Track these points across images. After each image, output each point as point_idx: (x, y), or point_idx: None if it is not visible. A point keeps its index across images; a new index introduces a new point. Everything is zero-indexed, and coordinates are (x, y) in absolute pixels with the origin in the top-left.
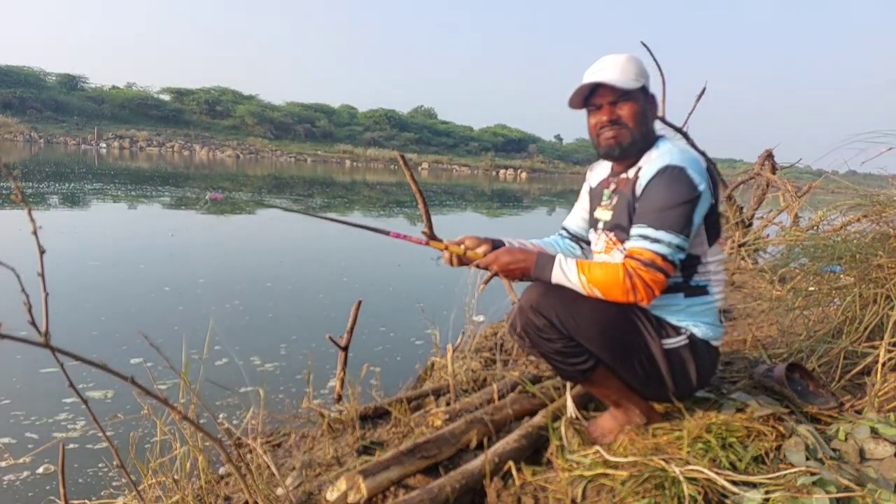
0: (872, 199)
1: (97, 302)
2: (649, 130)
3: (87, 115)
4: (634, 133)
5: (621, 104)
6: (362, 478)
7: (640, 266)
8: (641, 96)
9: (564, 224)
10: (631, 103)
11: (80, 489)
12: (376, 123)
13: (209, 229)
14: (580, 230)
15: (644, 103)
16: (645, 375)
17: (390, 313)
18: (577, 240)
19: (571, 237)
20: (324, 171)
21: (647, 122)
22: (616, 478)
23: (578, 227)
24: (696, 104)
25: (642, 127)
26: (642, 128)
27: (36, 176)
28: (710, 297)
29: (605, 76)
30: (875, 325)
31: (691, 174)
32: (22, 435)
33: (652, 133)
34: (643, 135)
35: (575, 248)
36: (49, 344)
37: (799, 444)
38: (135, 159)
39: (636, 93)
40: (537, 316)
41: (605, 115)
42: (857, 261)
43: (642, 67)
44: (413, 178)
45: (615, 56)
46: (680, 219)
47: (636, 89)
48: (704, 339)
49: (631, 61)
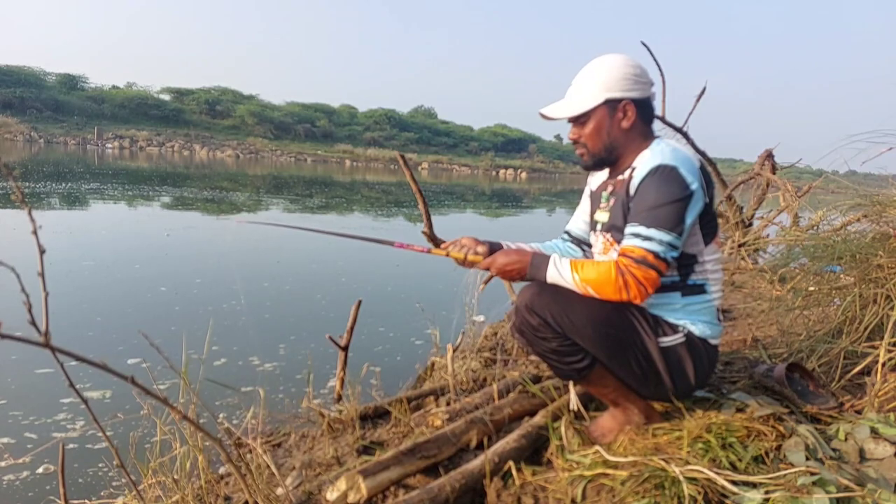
0: (872, 199)
1: (93, 302)
2: (617, 141)
3: (87, 114)
4: (593, 151)
5: (580, 125)
6: (362, 477)
7: (632, 263)
8: (604, 110)
9: (567, 228)
10: (588, 123)
11: (80, 489)
12: (376, 123)
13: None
14: (582, 233)
15: (607, 117)
16: (642, 374)
17: (389, 313)
18: (579, 243)
19: (573, 240)
20: (324, 170)
21: (612, 134)
22: (616, 478)
23: (580, 230)
24: (696, 104)
25: (604, 142)
26: (604, 143)
27: (34, 176)
28: (708, 295)
29: (554, 108)
30: (875, 324)
31: (683, 173)
32: (21, 435)
33: (630, 138)
34: (608, 149)
35: (576, 251)
36: (49, 344)
37: (799, 444)
38: (135, 159)
39: (594, 111)
40: (532, 315)
41: (570, 135)
42: (857, 261)
43: (614, 76)
44: (413, 178)
45: (587, 68)
46: (671, 217)
47: (593, 108)
48: (702, 337)
49: (598, 74)
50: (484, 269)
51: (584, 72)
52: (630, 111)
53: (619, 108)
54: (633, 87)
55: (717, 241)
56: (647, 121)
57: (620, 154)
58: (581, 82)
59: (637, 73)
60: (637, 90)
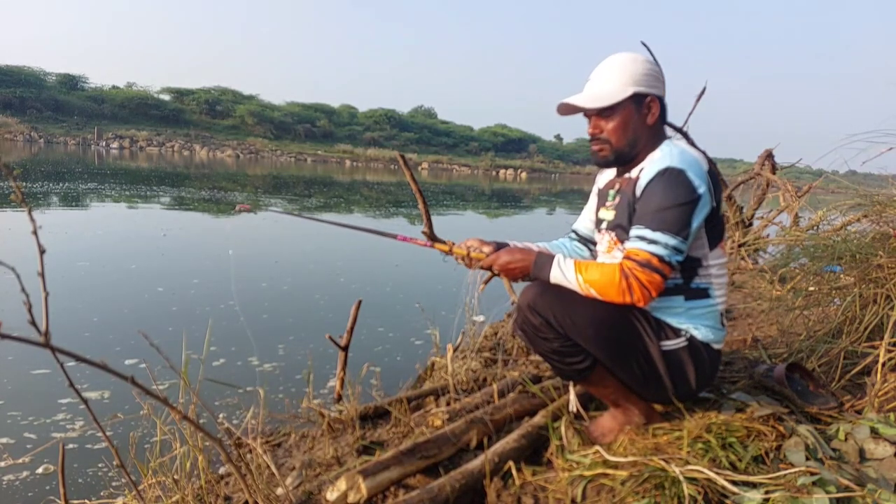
0: (872, 199)
1: (88, 303)
2: (640, 137)
3: (87, 114)
4: (617, 147)
5: (604, 118)
6: (362, 478)
7: (637, 267)
8: (630, 105)
9: (574, 226)
10: (614, 117)
11: (80, 489)
12: (376, 123)
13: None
14: (588, 232)
15: (634, 112)
16: (643, 376)
17: (388, 313)
18: (586, 242)
19: (580, 239)
20: (324, 170)
21: (637, 130)
22: (616, 478)
23: (587, 228)
24: (696, 104)
25: (628, 138)
26: (629, 138)
27: (31, 175)
28: (712, 300)
29: (580, 98)
30: (875, 324)
31: (691, 176)
32: (20, 435)
33: (650, 136)
34: (630, 144)
35: (583, 249)
36: (49, 344)
37: (799, 444)
38: (135, 159)
39: (621, 104)
40: (534, 315)
41: (591, 129)
42: (857, 261)
43: (640, 70)
44: (413, 178)
45: (611, 61)
46: (678, 220)
47: (621, 101)
48: (705, 341)
49: (625, 67)
50: (487, 266)
51: (608, 65)
52: (655, 108)
53: (645, 104)
54: (656, 83)
55: (723, 246)
56: (664, 121)
57: (640, 150)
58: (606, 75)
59: (658, 71)
60: (659, 88)
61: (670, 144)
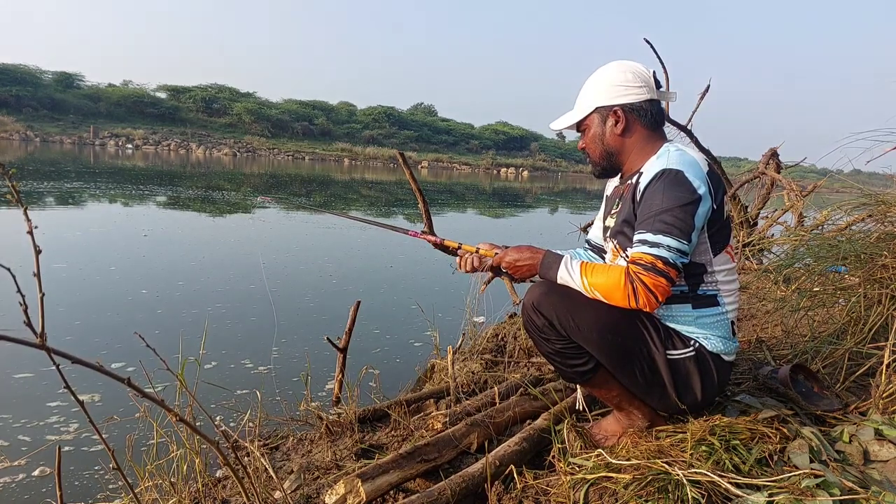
0: (877, 199)
1: (70, 306)
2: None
3: (83, 113)
4: (595, 160)
5: (582, 134)
6: (361, 481)
7: (642, 270)
8: (595, 118)
9: (587, 237)
10: (587, 133)
11: (77, 492)
12: (375, 121)
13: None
14: (599, 241)
15: (599, 125)
16: (646, 384)
17: (385, 315)
18: (599, 251)
19: (593, 249)
20: (322, 169)
21: (609, 142)
22: (619, 481)
23: (598, 238)
24: (699, 102)
25: (602, 150)
26: (603, 150)
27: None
28: (721, 308)
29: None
30: (880, 325)
31: (689, 177)
32: (14, 438)
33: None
34: (607, 156)
35: (598, 260)
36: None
37: (803, 447)
38: (130, 158)
39: (587, 120)
40: (538, 315)
41: (579, 144)
42: (861, 261)
43: (608, 82)
44: (413, 176)
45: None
46: (678, 222)
47: (584, 118)
48: (715, 352)
49: (593, 82)
50: (496, 263)
51: (586, 82)
52: (621, 117)
53: (610, 116)
54: (623, 93)
55: (730, 251)
56: (651, 125)
57: (622, 160)
58: (580, 93)
59: (628, 79)
60: (629, 96)
61: (668, 147)
